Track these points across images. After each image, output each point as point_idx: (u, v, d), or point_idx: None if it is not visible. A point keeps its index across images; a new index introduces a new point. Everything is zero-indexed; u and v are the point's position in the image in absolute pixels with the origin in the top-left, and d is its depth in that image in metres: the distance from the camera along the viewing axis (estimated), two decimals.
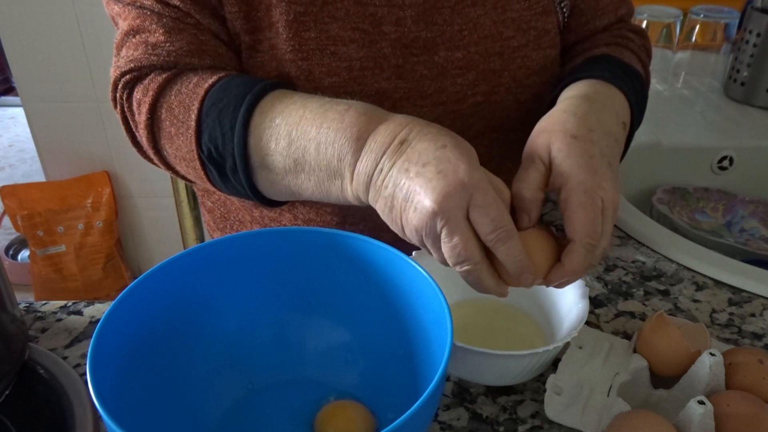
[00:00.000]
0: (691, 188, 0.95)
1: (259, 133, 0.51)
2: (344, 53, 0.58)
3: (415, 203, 0.43)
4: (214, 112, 0.53)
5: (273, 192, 0.55)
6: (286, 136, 0.50)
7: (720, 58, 1.16)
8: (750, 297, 0.63)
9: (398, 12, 0.58)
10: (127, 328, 0.41)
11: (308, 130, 0.49)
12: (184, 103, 0.54)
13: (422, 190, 0.42)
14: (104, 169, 1.84)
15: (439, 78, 0.61)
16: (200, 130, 0.53)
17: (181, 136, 0.55)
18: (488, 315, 0.57)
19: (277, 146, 0.50)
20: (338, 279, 0.49)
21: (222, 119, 0.52)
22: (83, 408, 0.48)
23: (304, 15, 0.56)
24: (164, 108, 0.56)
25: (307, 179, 0.50)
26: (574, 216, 0.45)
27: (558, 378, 0.49)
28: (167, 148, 0.58)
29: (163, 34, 0.56)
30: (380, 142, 0.45)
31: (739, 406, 0.44)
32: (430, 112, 0.62)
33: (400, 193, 0.44)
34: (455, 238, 0.42)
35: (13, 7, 1.61)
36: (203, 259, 0.46)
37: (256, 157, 0.52)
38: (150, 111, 0.56)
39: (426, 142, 0.44)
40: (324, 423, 0.46)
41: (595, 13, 0.69)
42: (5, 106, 3.29)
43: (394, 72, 0.60)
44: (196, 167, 0.56)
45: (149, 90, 0.56)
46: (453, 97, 0.62)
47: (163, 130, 0.57)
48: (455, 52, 0.61)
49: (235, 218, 0.75)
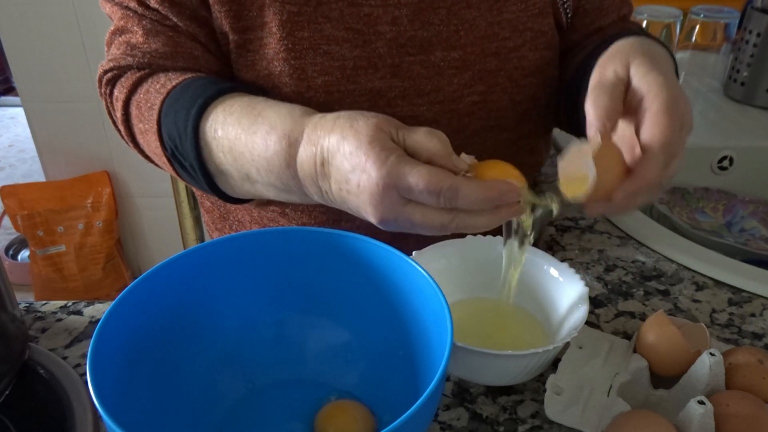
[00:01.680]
0: (691, 188, 0.95)
1: (207, 141, 0.54)
2: (337, 52, 0.58)
3: (367, 217, 0.46)
4: (171, 112, 0.56)
5: (236, 193, 0.58)
6: (230, 152, 0.52)
7: (720, 58, 1.16)
8: (750, 297, 0.63)
9: (394, 11, 0.59)
10: (127, 328, 0.41)
11: (243, 153, 0.51)
12: (150, 102, 0.57)
13: (360, 210, 0.46)
14: (104, 169, 1.84)
15: (436, 77, 0.61)
16: (161, 129, 0.57)
17: (148, 133, 0.58)
18: (489, 314, 0.57)
19: (226, 159, 0.53)
20: (338, 279, 0.49)
21: (177, 120, 0.55)
22: (83, 408, 0.48)
23: (298, 15, 0.57)
24: (134, 105, 0.59)
25: (264, 189, 0.54)
26: (657, 121, 0.44)
27: (558, 378, 0.49)
28: (141, 142, 0.61)
29: (142, 35, 0.59)
30: (308, 169, 0.48)
31: (739, 406, 0.44)
32: (428, 111, 0.62)
33: (353, 208, 0.47)
34: (416, 222, 0.44)
35: (13, 7, 1.61)
36: (203, 259, 0.46)
37: (212, 165, 0.55)
38: (123, 108, 0.60)
39: (337, 156, 0.45)
40: (324, 423, 0.46)
41: (600, 12, 0.69)
42: (5, 106, 3.29)
43: (390, 71, 0.60)
44: (165, 163, 0.59)
45: (123, 88, 0.60)
46: (450, 96, 0.62)
47: (135, 126, 0.60)
48: (451, 52, 0.61)
49: (234, 218, 0.75)
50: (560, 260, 0.55)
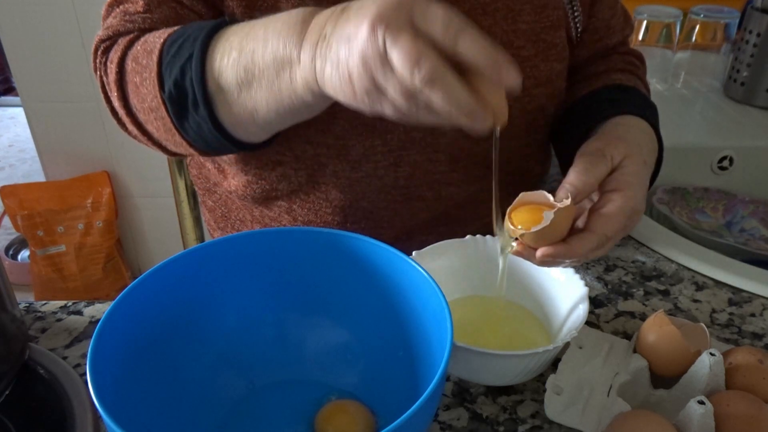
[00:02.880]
0: (691, 188, 0.95)
1: (214, 55, 0.52)
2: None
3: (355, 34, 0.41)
4: (173, 49, 0.54)
5: (232, 119, 0.55)
6: (237, 47, 0.51)
7: (720, 58, 1.16)
8: (750, 297, 0.63)
9: None
10: (127, 328, 0.41)
11: (257, 32, 0.50)
12: (147, 49, 0.56)
13: (359, 20, 0.40)
14: (104, 169, 1.84)
15: None
16: (161, 69, 0.55)
17: (145, 82, 0.56)
18: (489, 312, 0.57)
19: (229, 60, 0.51)
20: (338, 279, 0.49)
21: (181, 52, 0.53)
22: (83, 408, 0.48)
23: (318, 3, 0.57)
24: (131, 58, 0.58)
25: (258, 86, 0.50)
26: (612, 216, 0.50)
27: (558, 378, 0.49)
28: (135, 102, 0.59)
29: (143, 5, 0.59)
30: (324, 15, 0.45)
31: (739, 406, 0.44)
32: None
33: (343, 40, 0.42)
34: (401, 40, 0.38)
35: (13, 7, 1.61)
36: (203, 259, 0.46)
37: (212, 83, 0.53)
38: (119, 65, 0.59)
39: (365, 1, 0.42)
40: (324, 423, 0.46)
41: (607, 31, 0.72)
42: (5, 106, 3.29)
43: None
44: (162, 115, 0.56)
45: (120, 46, 0.59)
46: None
47: (129, 83, 0.59)
48: None
49: (236, 217, 0.75)
50: None
